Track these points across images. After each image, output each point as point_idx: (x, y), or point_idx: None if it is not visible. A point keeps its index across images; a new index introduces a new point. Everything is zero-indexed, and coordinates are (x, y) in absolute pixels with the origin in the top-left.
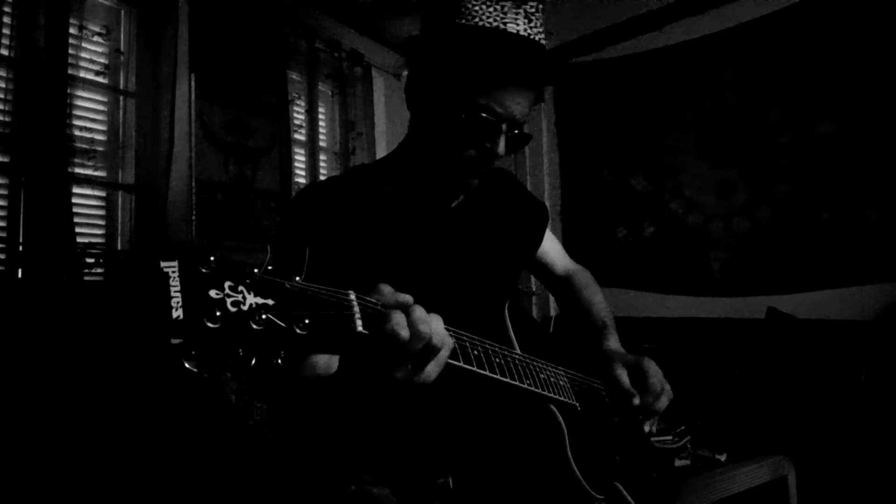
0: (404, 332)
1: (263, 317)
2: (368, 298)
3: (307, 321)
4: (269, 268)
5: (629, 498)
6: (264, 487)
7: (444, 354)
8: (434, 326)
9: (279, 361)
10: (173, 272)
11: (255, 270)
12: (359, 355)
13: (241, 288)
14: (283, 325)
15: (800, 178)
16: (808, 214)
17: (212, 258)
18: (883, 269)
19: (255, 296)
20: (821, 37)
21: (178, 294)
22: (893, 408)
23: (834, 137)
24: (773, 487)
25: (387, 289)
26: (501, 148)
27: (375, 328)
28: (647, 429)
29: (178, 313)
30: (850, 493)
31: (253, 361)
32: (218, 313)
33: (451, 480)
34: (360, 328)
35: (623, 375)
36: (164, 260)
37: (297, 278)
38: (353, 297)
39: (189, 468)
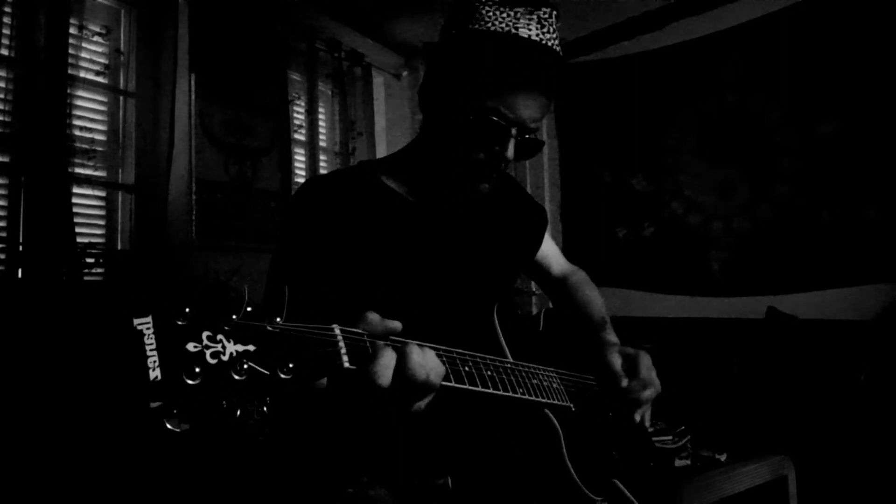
0: (388, 374)
1: (245, 366)
2: (354, 330)
3: (291, 365)
4: (249, 309)
5: (628, 494)
6: (262, 490)
7: (436, 386)
8: (429, 364)
9: (265, 409)
10: (147, 329)
11: (234, 317)
12: (349, 390)
13: (219, 337)
14: (265, 371)
15: (800, 178)
16: (808, 214)
17: (187, 309)
18: (883, 269)
19: (235, 343)
20: (821, 36)
21: (155, 353)
22: (893, 408)
23: (834, 137)
24: (773, 487)
25: (374, 317)
26: (510, 152)
27: (362, 364)
28: (637, 418)
29: (155, 374)
30: (850, 493)
31: (238, 412)
32: (197, 369)
33: (450, 481)
34: (346, 364)
35: (616, 361)
36: (138, 316)
37: (278, 319)
38: (337, 331)
39: (188, 468)
